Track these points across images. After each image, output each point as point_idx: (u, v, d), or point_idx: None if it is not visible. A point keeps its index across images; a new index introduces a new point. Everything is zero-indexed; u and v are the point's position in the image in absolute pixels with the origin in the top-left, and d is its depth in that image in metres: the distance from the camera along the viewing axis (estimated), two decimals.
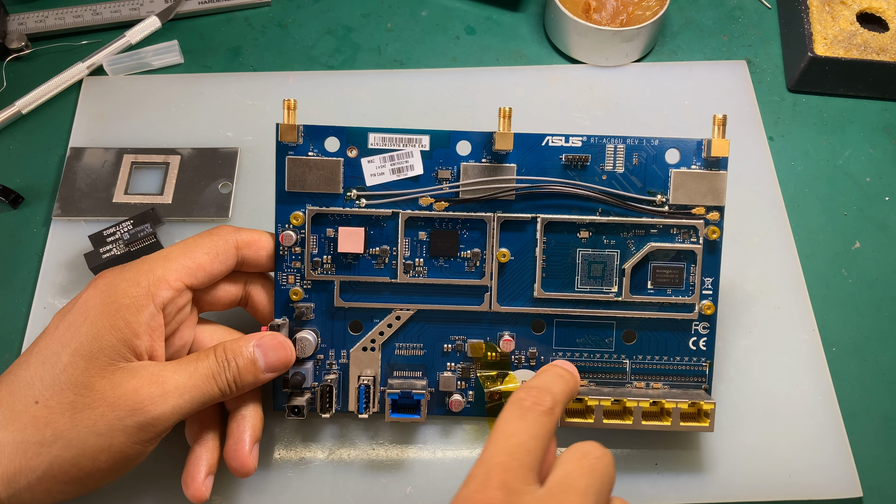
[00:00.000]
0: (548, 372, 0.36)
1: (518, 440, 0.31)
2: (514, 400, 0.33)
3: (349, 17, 0.57)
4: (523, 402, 0.32)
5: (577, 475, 0.30)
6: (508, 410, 0.32)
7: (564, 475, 0.30)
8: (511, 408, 0.32)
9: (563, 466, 0.31)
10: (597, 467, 0.31)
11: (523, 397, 0.33)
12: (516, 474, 0.30)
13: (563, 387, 0.34)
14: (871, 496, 0.40)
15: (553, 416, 0.32)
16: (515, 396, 0.33)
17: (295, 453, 0.41)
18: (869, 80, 0.52)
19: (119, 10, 0.56)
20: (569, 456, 0.31)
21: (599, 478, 0.31)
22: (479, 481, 0.29)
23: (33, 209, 0.49)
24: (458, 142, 0.39)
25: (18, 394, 0.33)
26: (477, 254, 0.40)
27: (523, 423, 0.32)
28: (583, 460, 0.31)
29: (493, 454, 0.30)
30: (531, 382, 0.34)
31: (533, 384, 0.34)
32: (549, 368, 0.36)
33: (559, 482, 0.30)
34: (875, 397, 0.43)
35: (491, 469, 0.30)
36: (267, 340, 0.37)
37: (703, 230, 0.39)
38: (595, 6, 0.53)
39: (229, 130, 0.51)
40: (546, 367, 0.37)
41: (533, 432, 0.31)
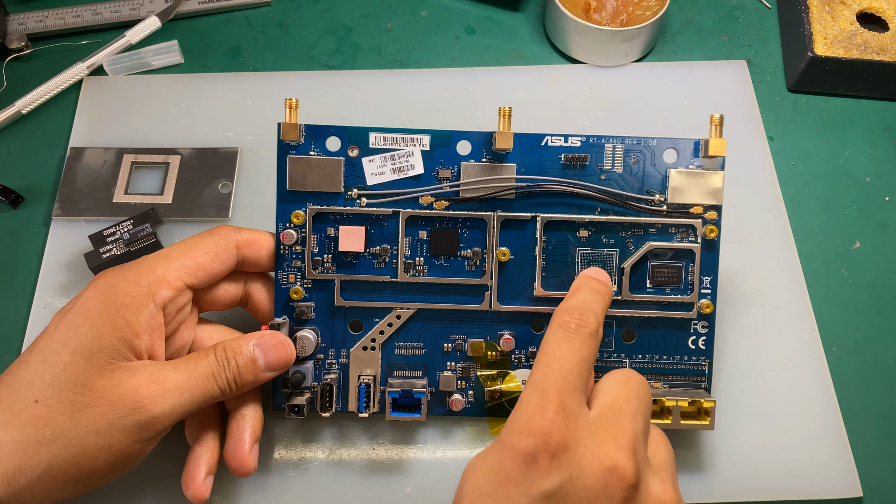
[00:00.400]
0: (584, 288, 0.36)
1: (569, 363, 0.32)
2: (559, 322, 0.34)
3: (349, 17, 0.57)
4: (569, 325, 0.33)
5: (624, 399, 0.32)
6: (555, 333, 0.33)
7: (613, 399, 0.32)
8: (558, 330, 0.33)
9: (609, 391, 0.32)
10: (640, 392, 0.33)
11: (568, 320, 0.33)
12: (571, 396, 0.31)
13: (601, 305, 0.35)
14: (871, 496, 0.40)
15: (598, 338, 0.34)
16: (560, 318, 0.34)
17: (295, 453, 0.41)
18: (869, 80, 0.53)
19: (119, 10, 0.56)
20: (613, 381, 0.33)
21: (644, 402, 0.32)
22: (537, 404, 0.30)
23: (33, 209, 0.49)
24: (459, 141, 0.39)
25: (18, 393, 0.33)
26: (477, 253, 0.40)
27: (572, 345, 0.32)
28: (627, 385, 0.33)
29: (546, 377, 0.31)
30: (571, 303, 0.35)
31: (573, 305, 0.35)
32: (585, 283, 0.37)
33: (609, 405, 0.32)
34: (875, 397, 0.43)
35: (547, 392, 0.31)
36: (267, 339, 0.37)
37: (701, 229, 0.39)
38: (595, 6, 0.53)
39: (229, 130, 0.51)
40: (581, 282, 0.37)
41: (582, 355, 0.32)
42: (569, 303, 0.35)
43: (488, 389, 0.40)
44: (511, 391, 0.40)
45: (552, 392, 0.31)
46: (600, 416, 0.31)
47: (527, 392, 0.31)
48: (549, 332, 0.34)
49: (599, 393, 0.33)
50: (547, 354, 0.32)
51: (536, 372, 0.32)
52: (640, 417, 0.32)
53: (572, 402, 0.31)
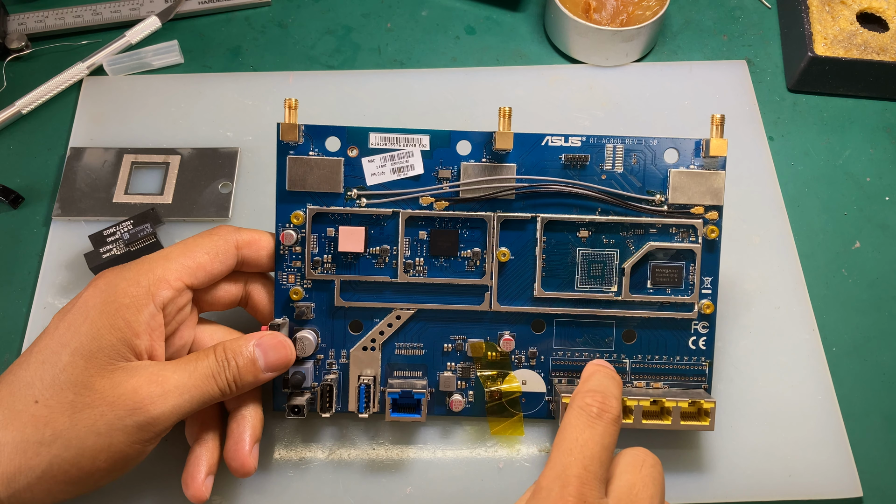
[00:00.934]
0: (600, 374, 0.36)
1: (591, 451, 0.31)
2: (581, 405, 0.33)
3: (349, 17, 0.57)
4: (591, 409, 0.32)
5: (640, 486, 0.31)
6: (577, 417, 0.32)
7: (629, 486, 0.31)
8: (580, 414, 0.32)
9: (625, 477, 0.31)
10: (655, 476, 0.32)
11: (590, 403, 0.33)
12: (591, 487, 0.30)
13: (619, 390, 0.35)
14: (871, 496, 0.40)
15: (619, 425, 0.33)
16: (582, 402, 0.33)
17: (295, 453, 0.41)
18: (869, 80, 0.53)
19: (119, 10, 0.56)
20: (628, 465, 0.32)
21: (659, 486, 0.32)
22: (557, 495, 0.30)
23: (33, 209, 0.49)
24: (459, 141, 0.39)
25: (18, 393, 0.33)
26: (477, 253, 0.40)
27: (594, 432, 0.32)
28: (643, 470, 0.32)
29: (568, 466, 0.30)
30: (590, 385, 0.34)
31: (594, 388, 0.34)
32: (598, 369, 0.36)
33: (626, 493, 0.31)
34: (875, 397, 0.43)
35: (568, 482, 0.30)
36: (267, 340, 0.37)
37: (701, 229, 0.39)
38: (595, 6, 0.53)
39: (229, 130, 0.51)
40: (593, 369, 0.37)
41: (604, 442, 0.32)
42: (588, 385, 0.34)
43: (488, 390, 0.40)
44: (511, 391, 0.40)
45: (573, 482, 0.30)
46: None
47: (546, 480, 0.30)
48: (571, 416, 0.33)
49: (615, 478, 0.32)
50: (569, 440, 0.31)
51: (557, 458, 0.31)
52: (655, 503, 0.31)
53: (593, 493, 0.30)
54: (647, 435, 0.40)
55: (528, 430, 0.41)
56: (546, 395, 0.40)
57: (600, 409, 0.32)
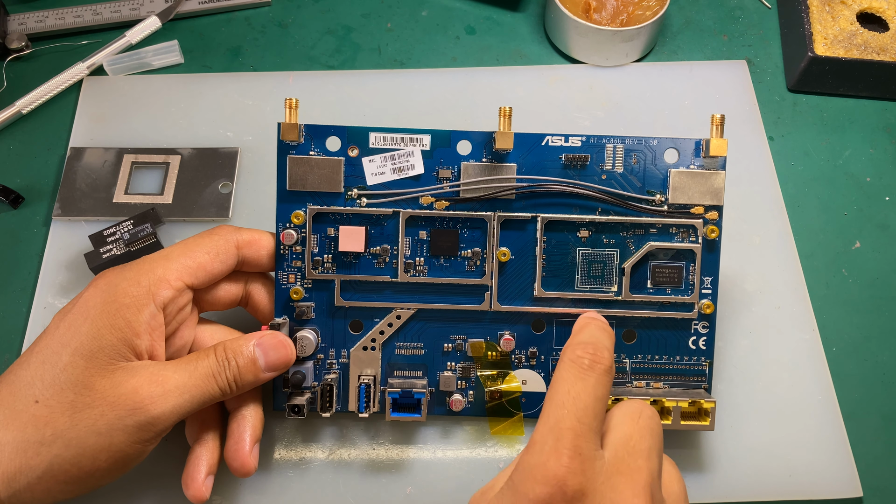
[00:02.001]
0: (591, 326, 0.35)
1: (584, 402, 0.30)
2: (571, 358, 0.32)
3: (349, 17, 0.57)
4: (582, 361, 0.32)
5: (638, 437, 0.30)
6: (568, 370, 0.32)
7: (626, 437, 0.30)
8: (571, 366, 0.32)
9: (622, 428, 0.31)
10: (653, 427, 0.31)
11: (581, 355, 0.32)
12: (586, 439, 0.29)
13: (611, 341, 0.34)
14: (871, 496, 0.40)
15: (612, 375, 0.32)
16: (573, 354, 0.32)
17: (295, 453, 0.41)
18: (869, 80, 0.53)
19: (119, 10, 0.56)
20: (624, 417, 0.31)
21: (657, 437, 0.31)
22: (551, 448, 0.29)
23: (33, 209, 0.49)
24: (459, 141, 0.39)
25: (19, 393, 0.33)
26: (477, 253, 0.40)
27: (586, 383, 0.31)
28: (640, 421, 0.31)
29: (561, 418, 0.30)
30: (581, 338, 0.34)
31: (585, 339, 0.33)
32: (591, 322, 0.36)
33: (623, 445, 0.30)
34: (875, 397, 0.43)
35: (561, 435, 0.29)
36: (267, 339, 0.37)
37: (701, 229, 0.39)
38: (595, 6, 0.53)
39: (229, 130, 0.51)
40: (585, 322, 0.36)
41: (597, 393, 0.31)
42: (579, 338, 0.34)
43: (488, 389, 0.40)
44: (511, 391, 0.40)
45: (567, 435, 0.29)
46: (615, 458, 0.30)
47: (539, 434, 0.30)
48: (561, 369, 0.32)
49: (611, 430, 0.31)
50: (560, 393, 0.31)
51: (549, 411, 0.30)
52: (654, 455, 0.30)
53: (588, 445, 0.29)
54: None
55: (529, 430, 0.41)
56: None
57: (592, 361, 0.32)
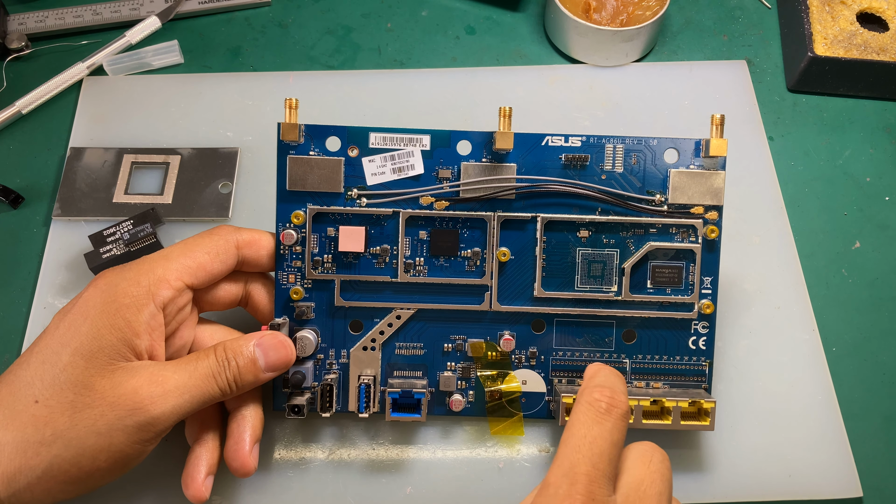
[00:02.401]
0: (605, 370, 0.35)
1: (600, 448, 0.30)
2: (589, 401, 0.32)
3: (349, 17, 0.57)
4: (599, 405, 0.32)
5: (649, 482, 0.30)
6: (585, 412, 0.32)
7: (637, 482, 0.31)
8: (588, 409, 0.32)
9: (633, 472, 0.31)
10: (664, 472, 0.31)
11: (599, 399, 0.32)
12: (600, 485, 0.29)
13: (624, 387, 0.34)
14: (871, 496, 0.40)
15: (627, 419, 0.32)
16: (590, 397, 0.32)
17: (295, 453, 0.41)
18: (869, 80, 0.53)
19: (119, 10, 0.56)
20: (636, 461, 0.31)
21: (668, 482, 0.31)
22: (565, 492, 0.29)
23: (33, 209, 0.49)
24: (459, 141, 0.39)
25: (18, 393, 0.33)
26: (477, 253, 0.40)
27: (602, 428, 0.31)
28: (651, 465, 0.31)
29: (576, 463, 0.30)
30: (598, 381, 0.34)
31: (602, 382, 0.33)
32: (604, 367, 0.36)
33: (634, 490, 0.30)
34: (875, 397, 0.43)
35: (576, 480, 0.29)
36: (267, 340, 0.37)
37: (701, 229, 0.39)
38: (595, 6, 0.53)
39: (229, 130, 0.51)
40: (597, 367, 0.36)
41: (613, 438, 0.31)
42: (595, 381, 0.34)
43: (488, 390, 0.40)
44: (511, 391, 0.40)
45: (582, 480, 0.29)
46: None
47: (554, 476, 0.30)
48: (578, 411, 0.32)
49: (623, 473, 0.31)
50: (577, 437, 0.31)
51: (564, 455, 0.30)
52: (664, 501, 0.31)
53: (601, 491, 0.29)
54: (647, 435, 0.40)
55: (528, 430, 0.41)
56: (546, 395, 0.40)
57: (609, 405, 0.32)
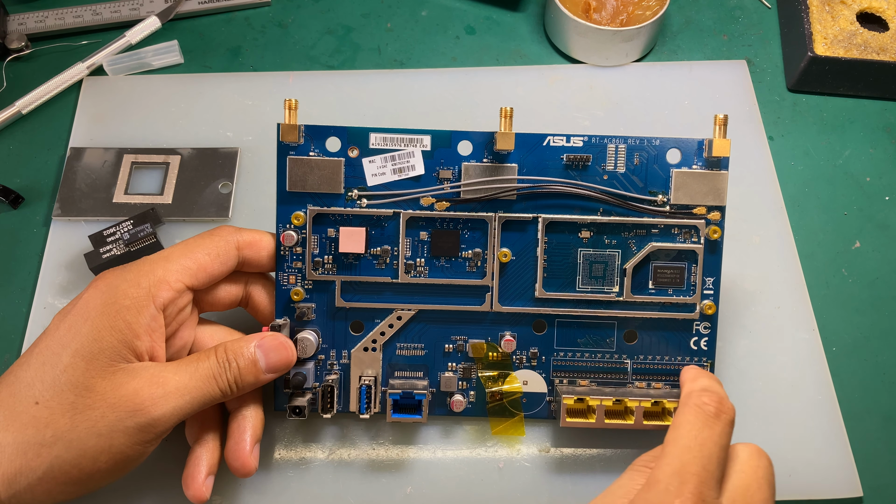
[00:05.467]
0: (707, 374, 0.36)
1: (709, 450, 0.31)
2: (698, 404, 0.33)
3: (349, 17, 0.57)
4: (708, 408, 0.32)
5: (755, 487, 0.31)
6: (694, 415, 0.32)
7: (745, 487, 0.31)
8: (697, 412, 0.32)
9: (741, 476, 0.31)
10: (769, 478, 0.32)
11: (707, 402, 0.32)
12: (709, 486, 0.30)
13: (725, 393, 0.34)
14: (871, 496, 0.40)
15: (733, 427, 0.33)
16: (699, 400, 0.33)
17: (295, 453, 0.41)
18: (869, 80, 0.53)
19: (119, 10, 0.56)
20: (744, 464, 0.32)
21: (772, 489, 0.32)
22: (675, 490, 0.30)
23: (33, 209, 0.49)
24: (460, 142, 0.39)
25: (19, 394, 0.33)
26: (478, 254, 0.40)
27: (712, 431, 0.32)
28: (758, 471, 0.32)
29: (687, 463, 0.30)
30: (703, 384, 0.34)
31: (708, 387, 0.34)
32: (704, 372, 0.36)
33: (741, 494, 0.31)
34: (875, 397, 0.43)
35: (687, 479, 0.30)
36: (268, 341, 0.37)
37: (704, 230, 0.39)
38: (595, 6, 0.53)
39: (229, 130, 0.51)
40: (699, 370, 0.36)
41: (722, 442, 0.31)
42: (700, 384, 0.34)
43: (489, 390, 0.40)
44: (512, 392, 0.40)
45: (692, 480, 0.30)
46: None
47: (664, 474, 0.30)
48: (687, 413, 0.32)
49: (730, 476, 0.32)
50: (687, 437, 0.31)
51: (675, 454, 0.31)
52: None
53: (710, 493, 0.30)
54: (648, 435, 0.40)
55: (529, 431, 0.41)
56: (547, 396, 0.41)
57: (718, 409, 0.32)
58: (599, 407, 0.38)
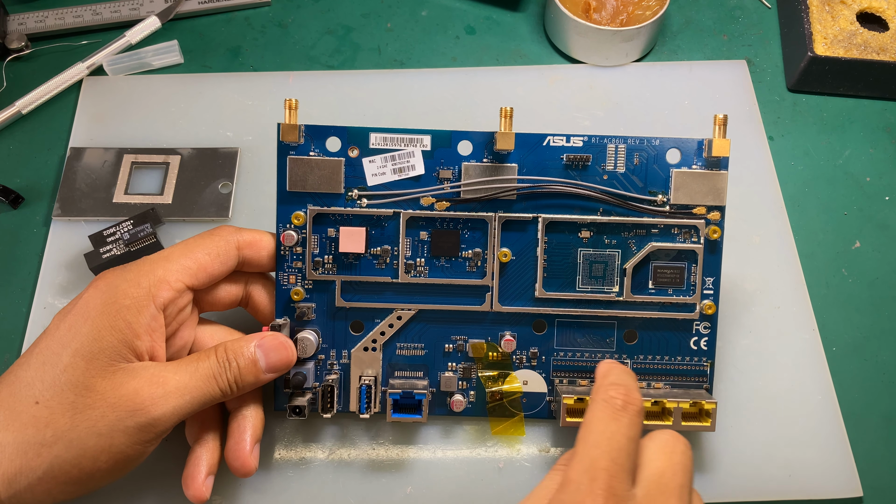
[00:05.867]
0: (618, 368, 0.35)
1: (618, 443, 0.30)
2: (605, 398, 0.32)
3: (349, 17, 0.57)
4: (615, 401, 0.32)
5: (671, 474, 0.31)
6: (601, 409, 0.32)
7: (658, 474, 0.31)
8: (604, 406, 0.32)
9: (654, 464, 0.31)
10: (685, 463, 0.31)
11: (614, 396, 0.32)
12: (620, 479, 0.30)
13: (637, 384, 0.34)
14: (871, 496, 0.40)
15: (643, 416, 0.32)
16: (605, 394, 0.32)
17: (295, 453, 0.41)
18: (869, 80, 0.53)
19: (119, 10, 0.56)
20: (657, 452, 0.31)
21: (689, 474, 0.31)
22: (586, 487, 0.29)
23: (33, 209, 0.49)
24: (460, 142, 0.39)
25: (19, 394, 0.33)
26: (478, 254, 0.40)
27: (619, 424, 0.31)
28: (673, 457, 0.31)
29: (596, 459, 0.30)
30: (612, 379, 0.34)
31: (616, 381, 0.33)
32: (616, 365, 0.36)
33: (655, 482, 0.30)
34: (875, 397, 0.43)
35: (596, 475, 0.29)
36: (268, 341, 0.37)
37: (703, 230, 0.39)
38: (595, 6, 0.53)
39: (229, 130, 0.51)
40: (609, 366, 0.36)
41: (630, 434, 0.31)
42: (609, 379, 0.34)
43: (489, 390, 0.40)
44: (512, 391, 0.40)
45: (602, 476, 0.29)
46: (647, 497, 0.30)
47: (575, 473, 0.30)
48: (595, 408, 0.32)
49: (643, 465, 0.31)
50: (595, 433, 0.31)
51: (584, 451, 0.31)
52: (685, 494, 0.31)
53: (622, 485, 0.29)
54: None
55: (529, 431, 0.41)
56: (547, 396, 0.41)
57: (625, 402, 0.32)
58: None
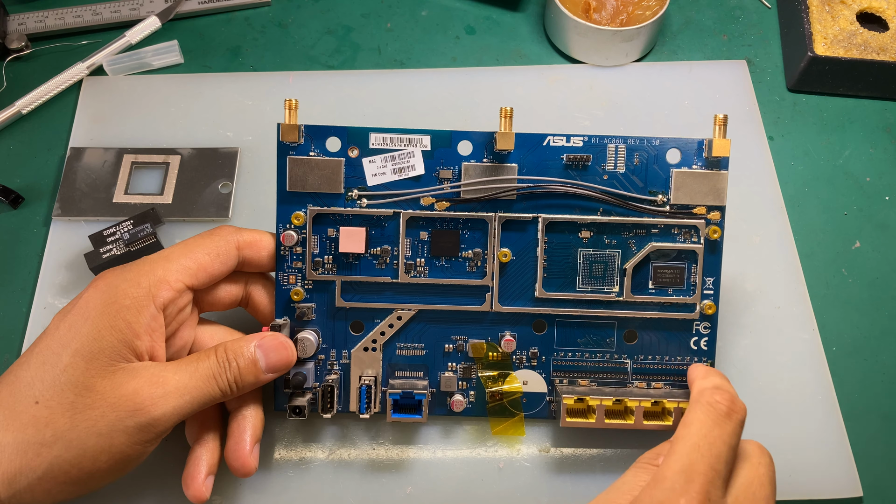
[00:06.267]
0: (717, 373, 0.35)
1: (718, 450, 0.31)
2: (710, 402, 0.32)
3: (349, 17, 0.57)
4: (720, 407, 0.32)
5: (758, 485, 0.31)
6: (705, 413, 0.32)
7: (747, 484, 0.31)
8: (708, 410, 0.32)
9: (744, 474, 0.31)
10: (771, 476, 0.32)
11: (719, 401, 0.32)
12: (715, 486, 0.30)
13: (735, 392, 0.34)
14: (871, 496, 0.40)
15: (743, 427, 0.32)
16: (710, 398, 0.32)
17: (295, 453, 0.41)
18: (869, 80, 0.53)
19: (119, 10, 0.56)
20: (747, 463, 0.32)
21: (774, 486, 0.32)
22: (681, 488, 0.29)
23: (33, 209, 0.49)
24: (460, 142, 0.39)
25: (19, 394, 0.33)
26: (478, 254, 0.40)
27: (722, 431, 0.31)
28: (759, 468, 0.32)
29: (695, 462, 0.30)
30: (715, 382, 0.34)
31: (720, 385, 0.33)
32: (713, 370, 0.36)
33: (744, 492, 0.31)
34: (875, 397, 0.43)
35: (693, 479, 0.30)
36: (268, 341, 0.37)
37: (703, 230, 0.39)
38: (595, 6, 0.53)
39: (229, 130, 0.51)
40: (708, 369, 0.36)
41: (731, 442, 0.31)
42: (712, 381, 0.34)
43: (489, 390, 0.40)
44: (512, 391, 0.40)
45: (699, 479, 0.29)
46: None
47: (671, 471, 0.30)
48: (698, 411, 0.32)
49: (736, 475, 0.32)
50: (696, 436, 0.31)
51: (682, 452, 0.31)
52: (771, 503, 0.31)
53: (716, 492, 0.30)
54: (648, 435, 0.40)
55: (529, 431, 0.41)
56: (547, 396, 0.41)
57: (729, 409, 0.32)
58: (599, 407, 0.38)
